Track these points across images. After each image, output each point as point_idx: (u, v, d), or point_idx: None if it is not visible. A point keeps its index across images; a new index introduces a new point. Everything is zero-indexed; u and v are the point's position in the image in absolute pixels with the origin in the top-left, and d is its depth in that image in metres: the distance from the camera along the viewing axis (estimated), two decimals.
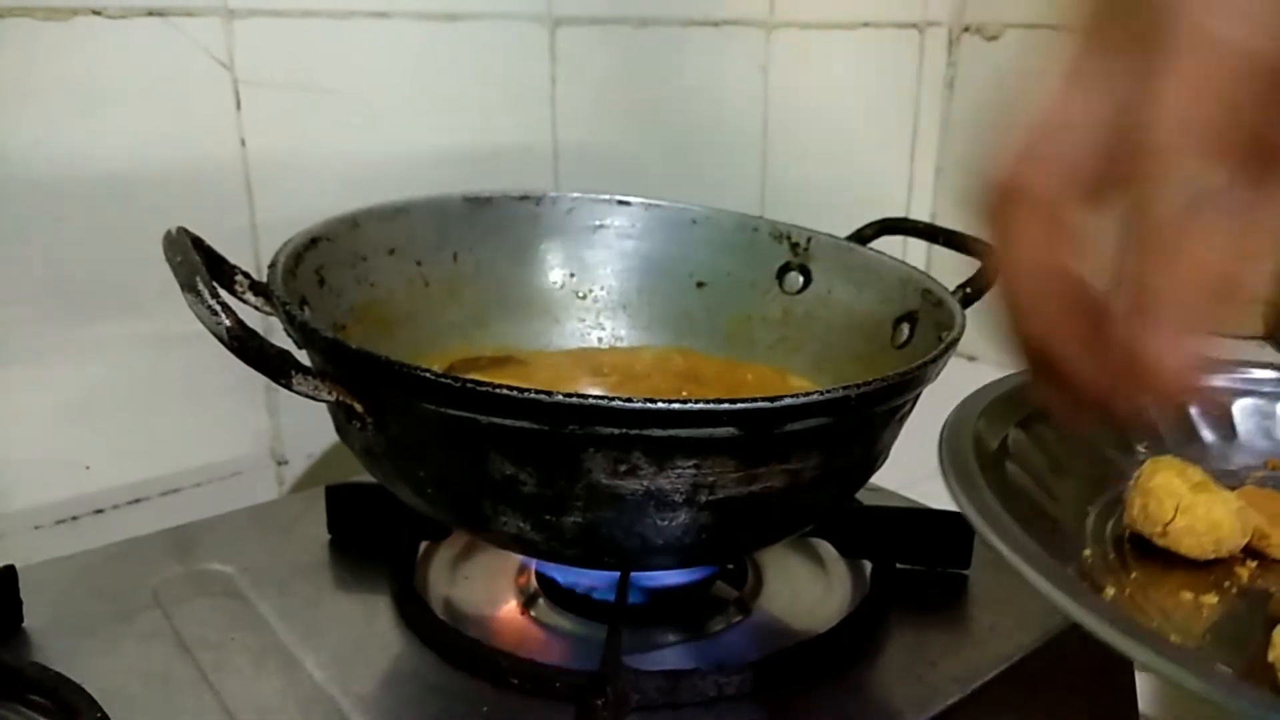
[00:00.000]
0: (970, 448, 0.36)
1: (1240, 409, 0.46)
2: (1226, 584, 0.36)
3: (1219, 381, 0.46)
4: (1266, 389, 0.47)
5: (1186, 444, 0.45)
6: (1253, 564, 0.38)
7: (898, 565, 0.49)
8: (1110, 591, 0.34)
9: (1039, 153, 0.21)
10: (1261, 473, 0.44)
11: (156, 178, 0.54)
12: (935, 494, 0.40)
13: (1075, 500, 0.40)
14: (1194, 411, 0.46)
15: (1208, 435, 0.45)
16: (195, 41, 0.54)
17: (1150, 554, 0.38)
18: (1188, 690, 0.23)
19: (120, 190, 0.53)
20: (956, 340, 0.43)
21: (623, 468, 0.36)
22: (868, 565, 0.50)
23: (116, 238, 0.54)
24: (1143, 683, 0.51)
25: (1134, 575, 0.36)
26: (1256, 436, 0.46)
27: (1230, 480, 0.43)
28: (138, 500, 0.58)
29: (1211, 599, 0.35)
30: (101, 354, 0.55)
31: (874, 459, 0.43)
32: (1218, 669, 0.29)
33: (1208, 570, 0.37)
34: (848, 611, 0.47)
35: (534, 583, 0.48)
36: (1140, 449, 0.43)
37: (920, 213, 0.95)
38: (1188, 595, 0.35)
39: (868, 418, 0.39)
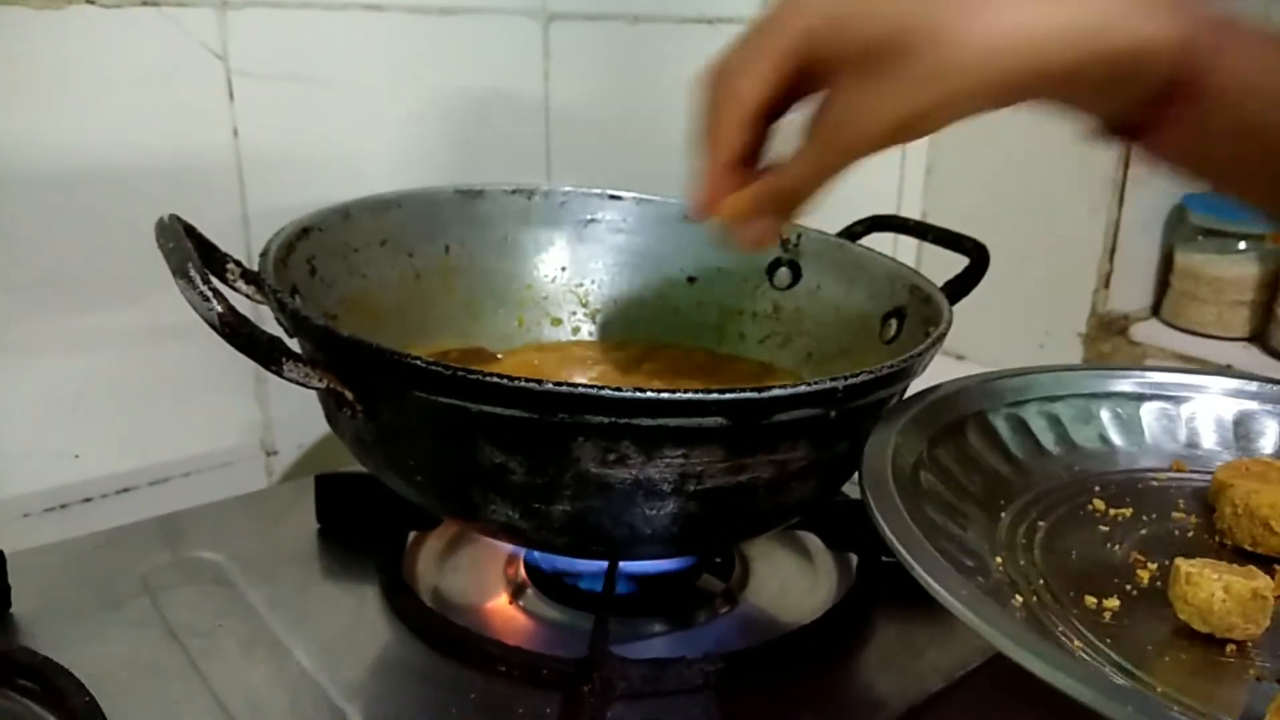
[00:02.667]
0: (888, 460, 0.37)
1: (1147, 412, 0.47)
2: (1128, 588, 0.37)
3: (1126, 386, 0.47)
4: (1172, 392, 0.47)
5: (1097, 447, 0.46)
6: (1153, 566, 0.38)
7: (883, 558, 0.49)
8: (1019, 599, 0.35)
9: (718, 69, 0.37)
10: (1168, 474, 0.45)
11: (149, 168, 0.54)
12: None
13: (988, 508, 0.40)
14: (1105, 416, 0.47)
15: (1116, 439, 0.46)
16: (189, 32, 0.54)
17: (1058, 559, 0.38)
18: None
19: (112, 180, 0.53)
20: (944, 334, 0.43)
21: (611, 457, 0.36)
22: (854, 558, 0.51)
23: (108, 228, 0.54)
24: None
25: (1042, 581, 0.37)
26: (1163, 439, 0.46)
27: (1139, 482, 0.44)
28: (126, 490, 0.58)
29: (1114, 603, 0.36)
30: (92, 344, 0.55)
31: (860, 452, 0.43)
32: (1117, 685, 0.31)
33: (1109, 575, 0.38)
34: (833, 603, 0.47)
35: (523, 573, 0.49)
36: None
37: (910, 210, 0.96)
38: (1091, 600, 0.36)
39: (855, 410, 0.39)
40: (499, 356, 0.56)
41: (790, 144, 0.37)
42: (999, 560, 0.37)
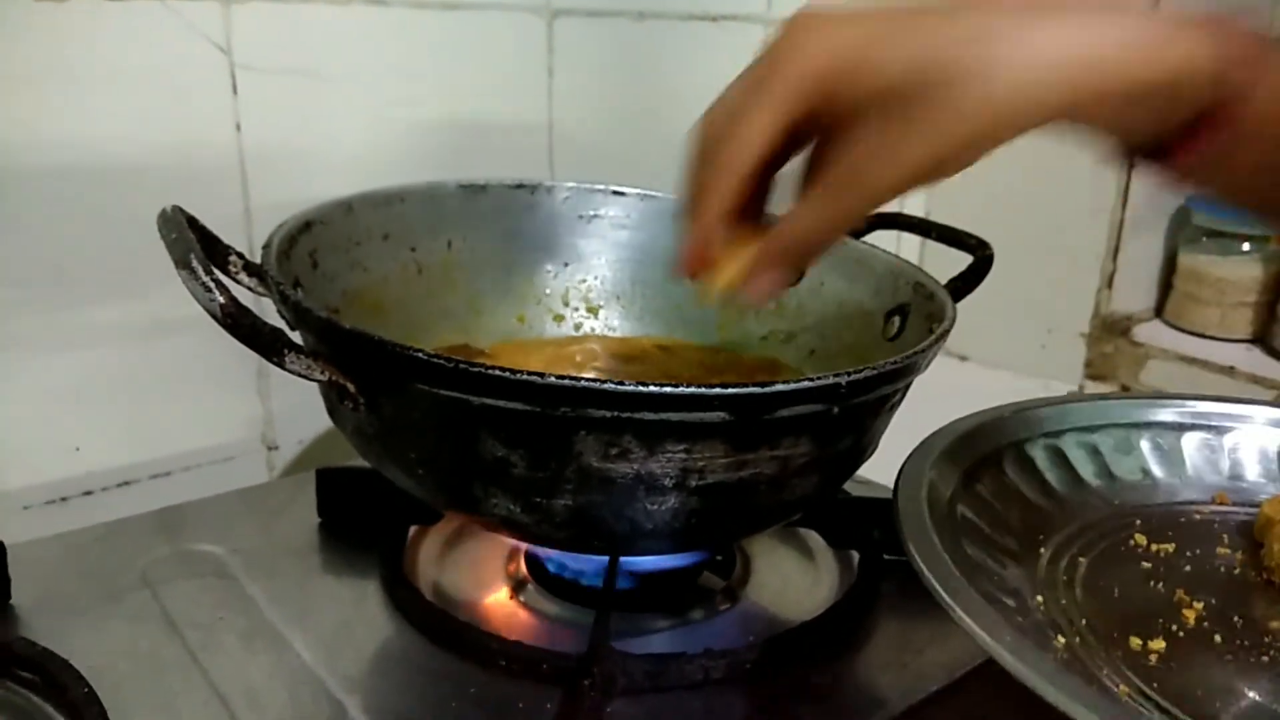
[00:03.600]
0: (924, 495, 0.37)
1: (1189, 443, 0.46)
2: (1174, 628, 0.36)
3: (1167, 415, 0.46)
4: (1214, 422, 0.46)
5: (1137, 479, 0.45)
6: (1199, 605, 0.38)
7: (885, 556, 0.49)
8: (1061, 640, 0.34)
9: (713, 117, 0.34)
10: (1210, 507, 0.44)
11: (152, 162, 0.54)
12: None
13: (1027, 544, 0.40)
14: (1145, 447, 0.46)
15: (1157, 471, 0.45)
16: (192, 25, 0.54)
17: (1100, 598, 0.38)
18: None
19: (115, 174, 0.53)
20: (947, 331, 0.43)
21: (613, 451, 0.36)
22: (855, 556, 0.51)
23: (111, 222, 0.53)
24: None
25: (1085, 621, 0.36)
26: (1205, 471, 0.46)
27: (1181, 515, 0.43)
28: (127, 483, 0.58)
29: (1159, 644, 0.35)
30: (94, 338, 0.55)
31: (863, 449, 0.43)
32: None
33: (1153, 615, 0.37)
34: (834, 600, 0.47)
35: (524, 568, 0.48)
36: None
37: (914, 208, 0.95)
38: (1136, 642, 0.35)
39: (858, 406, 0.39)
40: (486, 351, 0.55)
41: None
42: (1039, 600, 0.36)
